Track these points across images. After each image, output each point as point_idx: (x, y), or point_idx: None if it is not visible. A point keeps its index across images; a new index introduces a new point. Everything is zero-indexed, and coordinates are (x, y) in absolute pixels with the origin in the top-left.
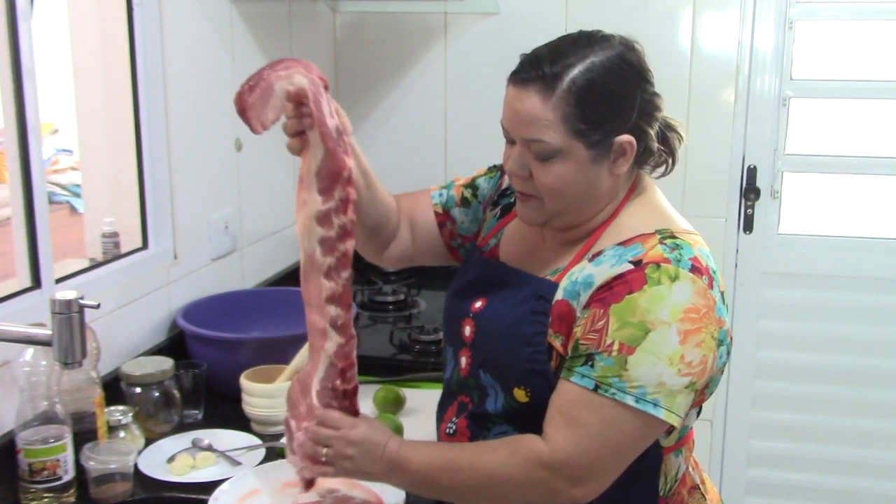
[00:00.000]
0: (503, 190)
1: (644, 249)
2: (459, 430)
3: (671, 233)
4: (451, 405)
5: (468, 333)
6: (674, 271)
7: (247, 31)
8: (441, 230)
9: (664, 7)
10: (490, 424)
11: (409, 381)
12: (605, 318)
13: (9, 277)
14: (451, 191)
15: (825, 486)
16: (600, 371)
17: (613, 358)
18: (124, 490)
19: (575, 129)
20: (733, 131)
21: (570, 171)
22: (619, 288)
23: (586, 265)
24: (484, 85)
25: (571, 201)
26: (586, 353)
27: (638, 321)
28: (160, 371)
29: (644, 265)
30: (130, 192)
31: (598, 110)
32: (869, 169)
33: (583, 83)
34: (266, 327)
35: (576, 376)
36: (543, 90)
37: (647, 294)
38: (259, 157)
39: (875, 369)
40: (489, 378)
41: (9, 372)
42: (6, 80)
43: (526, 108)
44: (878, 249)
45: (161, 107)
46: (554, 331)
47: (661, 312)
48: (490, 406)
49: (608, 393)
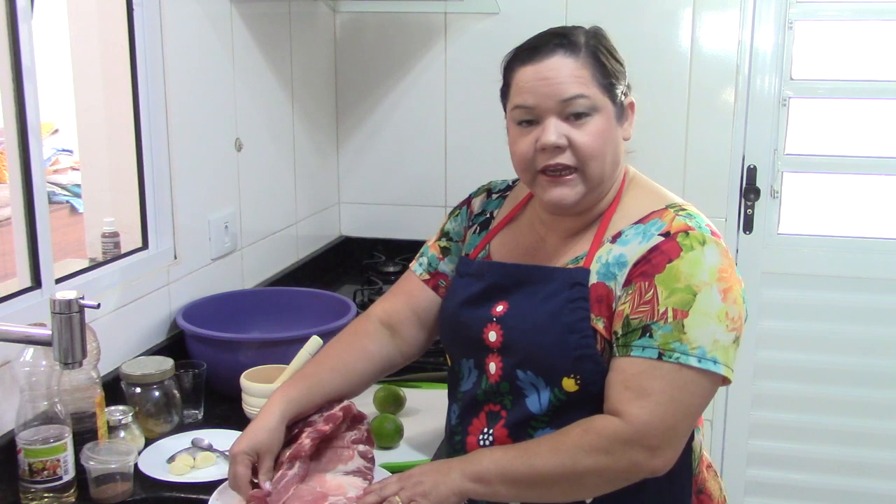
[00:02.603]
0: (475, 216)
1: (665, 223)
2: (498, 439)
3: (680, 206)
4: (476, 418)
5: (494, 339)
6: (701, 237)
7: (247, 31)
8: (437, 292)
9: (664, 7)
10: (530, 430)
11: (409, 381)
12: (651, 289)
13: (9, 277)
14: (427, 253)
15: (825, 486)
16: (660, 339)
17: (670, 324)
18: (124, 490)
19: (602, 83)
20: (733, 131)
21: (606, 128)
22: (658, 259)
23: (611, 247)
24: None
25: (605, 165)
26: (641, 326)
27: (684, 286)
28: (160, 371)
29: (674, 235)
30: (130, 192)
31: (614, 67)
32: (869, 169)
33: (595, 44)
34: (266, 327)
35: (636, 350)
36: (569, 53)
37: (685, 260)
38: (259, 157)
39: (875, 369)
40: (530, 375)
41: (9, 372)
42: (6, 80)
43: (559, 71)
44: (878, 249)
45: (161, 107)
46: (595, 314)
47: (702, 275)
48: (532, 405)
49: (672, 358)
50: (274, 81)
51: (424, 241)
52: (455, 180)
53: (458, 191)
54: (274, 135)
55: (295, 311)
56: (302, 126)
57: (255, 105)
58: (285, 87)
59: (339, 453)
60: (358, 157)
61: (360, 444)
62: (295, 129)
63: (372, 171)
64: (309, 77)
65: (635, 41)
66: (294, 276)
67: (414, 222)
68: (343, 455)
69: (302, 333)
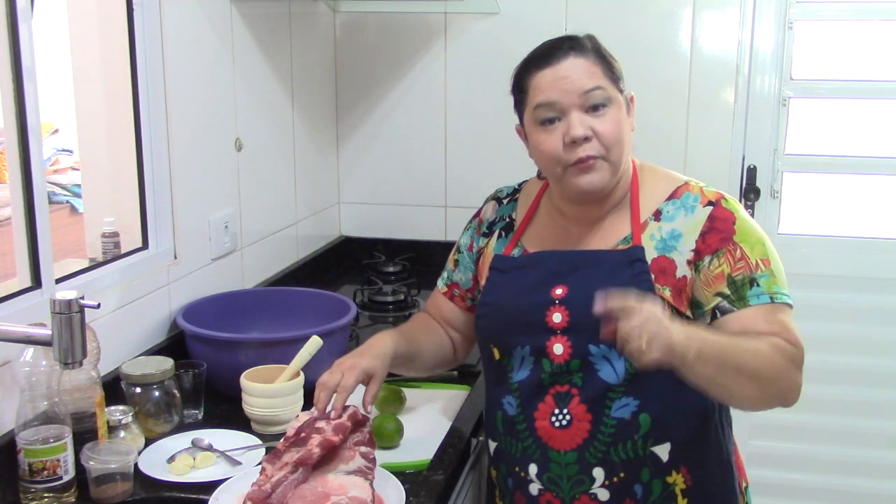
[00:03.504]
0: (492, 223)
1: (697, 193)
2: (576, 416)
3: (694, 180)
4: (542, 402)
5: (559, 320)
6: (732, 199)
7: (247, 31)
8: (454, 301)
9: (664, 7)
10: (609, 401)
11: (410, 381)
12: (737, 248)
13: (9, 277)
14: (447, 267)
15: (825, 486)
16: (765, 286)
17: (766, 272)
18: (124, 490)
19: (611, 78)
20: (733, 131)
21: (621, 117)
22: (721, 225)
23: (659, 224)
24: (484, 85)
25: (624, 151)
26: (748, 279)
27: (755, 238)
28: (160, 371)
29: (717, 202)
30: (130, 192)
31: (615, 65)
32: (869, 169)
33: (597, 45)
34: (266, 327)
35: (752, 300)
36: (580, 54)
37: (740, 219)
38: (259, 157)
39: (875, 369)
40: (603, 349)
41: (9, 372)
42: (6, 80)
43: (577, 69)
44: (878, 249)
45: (161, 107)
46: (660, 284)
47: (757, 228)
48: (608, 377)
49: (779, 299)
50: (274, 81)
51: (424, 240)
52: (455, 180)
53: (458, 191)
54: (274, 135)
55: (295, 311)
56: (302, 126)
57: (255, 105)
58: (285, 87)
59: (341, 454)
60: (358, 157)
61: (362, 445)
62: (295, 129)
63: (372, 171)
64: (309, 77)
65: (635, 41)
66: (294, 276)
67: (414, 222)
68: (345, 455)
69: (302, 333)
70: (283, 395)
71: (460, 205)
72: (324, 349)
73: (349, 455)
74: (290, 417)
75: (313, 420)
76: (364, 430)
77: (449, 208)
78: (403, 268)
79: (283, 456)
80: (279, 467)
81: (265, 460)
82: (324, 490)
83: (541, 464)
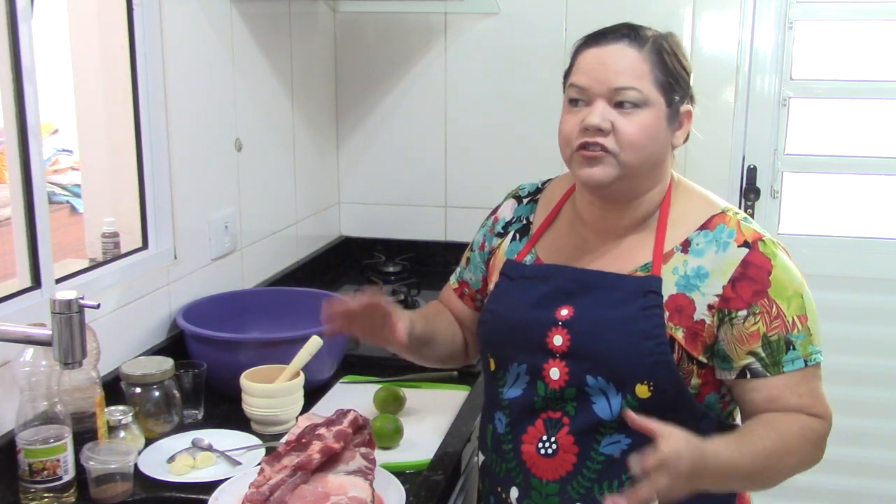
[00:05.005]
0: (508, 223)
1: (734, 229)
2: (563, 447)
3: (733, 210)
4: (532, 426)
5: (560, 343)
6: (772, 242)
7: (247, 31)
8: (463, 300)
9: (664, 7)
10: (598, 436)
11: (409, 381)
12: (772, 304)
13: (9, 277)
14: (461, 264)
15: (826, 486)
16: (801, 348)
17: (802, 331)
18: (124, 490)
19: (661, 81)
20: (733, 131)
21: (653, 124)
22: (756, 273)
23: (686, 258)
24: (484, 85)
25: (644, 159)
26: (784, 341)
27: (793, 291)
28: (160, 371)
29: (754, 244)
30: (130, 192)
31: (677, 70)
32: (869, 169)
33: (663, 44)
34: (266, 327)
35: (787, 365)
36: (634, 44)
37: (778, 268)
38: (259, 157)
39: (875, 369)
40: (601, 381)
41: (9, 372)
42: (6, 80)
43: (619, 60)
44: (878, 249)
45: (161, 107)
46: (674, 323)
47: (795, 276)
48: (602, 412)
49: (812, 360)
50: (274, 81)
51: (424, 241)
52: (455, 180)
53: (458, 191)
54: (274, 135)
55: (295, 311)
56: (302, 126)
57: (255, 105)
58: (285, 87)
59: (342, 455)
60: (358, 157)
61: (362, 445)
62: (295, 129)
63: (372, 171)
64: (309, 77)
65: None
66: (294, 276)
67: (414, 222)
68: (345, 455)
69: (302, 333)
70: (282, 395)
71: (460, 205)
72: (324, 349)
73: (349, 455)
74: (289, 417)
75: (314, 426)
76: (364, 432)
77: (449, 208)
78: (403, 268)
79: (282, 459)
80: (278, 469)
81: (265, 461)
82: (323, 490)
83: (522, 489)
